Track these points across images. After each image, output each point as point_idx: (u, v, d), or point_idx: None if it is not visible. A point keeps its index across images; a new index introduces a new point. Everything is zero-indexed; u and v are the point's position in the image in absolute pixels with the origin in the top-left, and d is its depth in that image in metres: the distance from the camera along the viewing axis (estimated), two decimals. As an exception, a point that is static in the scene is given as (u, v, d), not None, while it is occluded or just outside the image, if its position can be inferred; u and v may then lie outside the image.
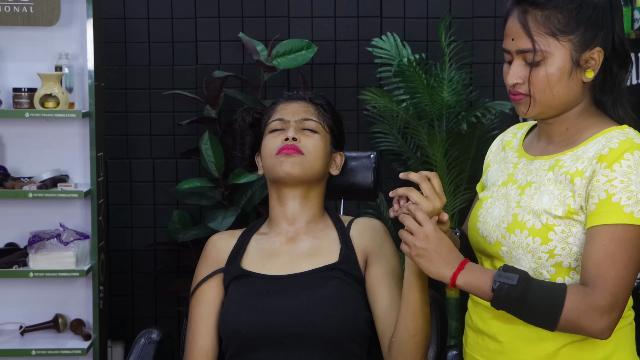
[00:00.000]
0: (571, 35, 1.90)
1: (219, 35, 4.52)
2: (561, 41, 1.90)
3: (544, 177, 1.96)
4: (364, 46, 4.48)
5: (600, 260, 1.84)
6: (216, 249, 2.37)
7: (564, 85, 1.92)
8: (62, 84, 3.92)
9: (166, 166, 4.54)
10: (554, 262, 1.92)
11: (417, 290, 2.07)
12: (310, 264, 2.27)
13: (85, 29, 3.94)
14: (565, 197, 1.90)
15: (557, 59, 1.90)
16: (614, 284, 1.83)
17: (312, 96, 2.42)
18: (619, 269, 1.83)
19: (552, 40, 1.90)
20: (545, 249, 1.91)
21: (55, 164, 4.05)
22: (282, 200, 2.35)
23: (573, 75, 1.92)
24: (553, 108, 1.95)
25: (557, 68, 1.91)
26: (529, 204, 1.95)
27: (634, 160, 1.86)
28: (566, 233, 1.90)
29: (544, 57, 1.90)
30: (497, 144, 2.20)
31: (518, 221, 1.94)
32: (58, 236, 3.91)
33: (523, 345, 1.96)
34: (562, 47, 1.90)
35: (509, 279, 1.86)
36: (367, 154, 2.58)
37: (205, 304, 2.30)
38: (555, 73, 1.91)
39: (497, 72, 4.51)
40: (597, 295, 1.82)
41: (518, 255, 1.95)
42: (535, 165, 2.00)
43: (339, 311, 2.18)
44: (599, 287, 1.82)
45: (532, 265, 1.93)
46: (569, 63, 1.91)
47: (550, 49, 1.90)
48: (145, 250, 4.53)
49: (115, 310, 4.52)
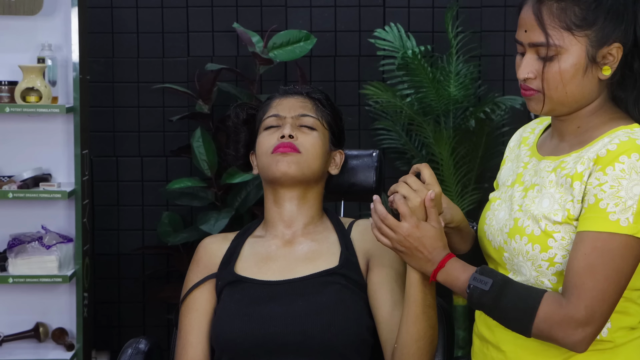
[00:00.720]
0: (588, 30, 1.89)
1: (212, 26, 4.53)
2: (577, 36, 1.89)
3: (546, 179, 1.96)
4: (365, 37, 4.49)
5: (579, 269, 1.83)
6: (208, 253, 2.37)
7: (578, 83, 1.91)
8: (45, 77, 3.93)
9: (155, 165, 4.55)
10: (554, 270, 1.92)
11: (420, 290, 2.07)
12: (308, 268, 2.28)
13: (69, 18, 3.95)
14: (566, 202, 1.90)
15: (572, 55, 1.89)
16: (591, 297, 1.82)
17: (311, 91, 2.42)
18: (598, 281, 1.82)
19: (567, 34, 1.89)
20: (545, 257, 1.92)
21: (37, 162, 4.05)
22: (278, 202, 2.35)
23: (588, 72, 1.91)
24: (565, 105, 1.94)
25: (571, 64, 1.90)
26: (529, 207, 1.95)
27: (629, 164, 1.84)
28: (566, 240, 1.90)
29: (558, 52, 1.89)
30: (515, 139, 2.19)
31: (518, 226, 1.95)
32: (40, 239, 3.92)
33: (526, 355, 1.97)
34: (577, 43, 1.89)
35: (483, 283, 1.89)
36: (368, 152, 2.59)
37: (197, 312, 2.30)
38: (569, 70, 1.90)
39: (507, 65, 4.52)
40: (571, 306, 1.83)
41: (519, 262, 1.95)
42: (541, 166, 2.00)
43: (340, 319, 2.18)
44: (575, 298, 1.83)
45: (533, 273, 1.94)
46: (584, 59, 1.90)
47: (565, 44, 1.89)
48: (133, 254, 4.53)
49: (100, 319, 4.52)
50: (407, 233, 1.97)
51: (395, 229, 1.99)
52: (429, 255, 1.98)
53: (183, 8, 4.51)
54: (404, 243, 1.98)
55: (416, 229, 1.98)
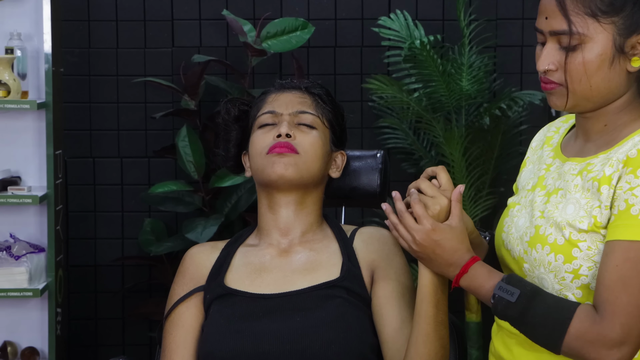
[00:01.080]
0: (615, 17, 1.89)
1: (199, 13, 4.53)
2: (602, 23, 1.89)
3: (570, 183, 1.95)
4: (369, 26, 4.50)
5: (611, 283, 1.83)
6: (195, 264, 2.37)
7: (603, 75, 1.91)
8: (14, 70, 3.93)
9: (136, 166, 4.55)
10: (579, 283, 1.92)
11: (432, 305, 2.08)
12: (306, 280, 2.28)
13: (40, 4, 3.95)
14: (592, 208, 1.89)
15: (597, 44, 1.89)
16: (626, 313, 1.81)
17: (310, 85, 2.43)
18: (633, 295, 1.81)
19: (591, 21, 1.89)
20: (569, 269, 1.92)
21: (5, 163, 4.05)
22: (273, 207, 2.36)
23: (615, 63, 1.90)
24: (590, 101, 1.94)
25: (597, 55, 1.89)
26: (552, 214, 1.95)
27: None
28: (592, 250, 1.90)
29: (582, 41, 1.89)
30: (538, 139, 2.19)
31: (540, 235, 1.95)
32: (8, 249, 3.92)
33: None
34: (603, 31, 1.89)
35: (509, 294, 1.89)
36: (372, 153, 2.59)
37: (182, 328, 2.30)
38: (594, 60, 1.90)
39: (526, 56, 4.53)
40: (605, 324, 1.82)
41: (540, 274, 1.96)
42: (565, 168, 1.99)
43: (341, 336, 2.19)
44: (609, 315, 1.82)
45: (556, 286, 1.94)
46: (610, 49, 1.89)
47: (589, 32, 1.89)
48: (111, 265, 4.53)
49: (75, 336, 4.52)
50: (423, 236, 1.99)
51: (410, 230, 2.01)
52: (450, 258, 1.99)
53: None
54: (421, 246, 2.00)
55: (433, 232, 1.99)
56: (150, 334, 4.50)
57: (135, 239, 4.47)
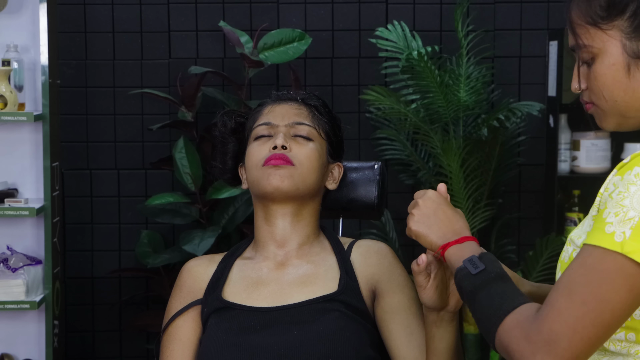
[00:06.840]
0: (617, 20, 1.75)
1: (196, 24, 4.53)
2: (605, 30, 1.76)
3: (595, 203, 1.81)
4: (366, 37, 4.50)
5: (560, 284, 1.67)
6: (192, 277, 2.37)
7: (624, 87, 1.77)
8: (11, 82, 3.93)
9: (133, 178, 4.55)
10: None
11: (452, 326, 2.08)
12: (304, 294, 2.28)
13: (37, 16, 3.95)
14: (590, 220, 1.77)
15: (607, 55, 1.76)
16: (560, 320, 1.63)
17: (306, 96, 2.42)
18: (574, 304, 1.64)
19: (594, 31, 1.77)
20: None
21: (2, 175, 4.05)
22: (269, 219, 2.35)
23: (634, 71, 1.76)
24: (626, 116, 1.79)
25: (608, 66, 1.76)
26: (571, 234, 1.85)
27: None
28: None
29: (593, 54, 1.78)
30: None
31: (560, 257, 1.87)
32: (5, 261, 3.91)
33: None
34: (609, 38, 1.76)
35: (474, 266, 1.78)
36: (370, 164, 2.59)
37: (180, 342, 2.30)
38: (607, 72, 1.77)
39: (524, 67, 4.53)
40: (536, 324, 1.65)
41: None
42: None
43: (339, 350, 2.18)
44: (543, 316, 1.65)
45: None
46: (622, 57, 1.76)
47: (595, 43, 1.77)
48: (108, 277, 4.53)
49: (72, 349, 4.52)
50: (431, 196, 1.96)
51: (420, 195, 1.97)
52: (450, 225, 1.93)
53: (164, 5, 4.52)
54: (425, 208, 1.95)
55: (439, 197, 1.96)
56: (148, 346, 4.50)
57: (132, 251, 4.47)
